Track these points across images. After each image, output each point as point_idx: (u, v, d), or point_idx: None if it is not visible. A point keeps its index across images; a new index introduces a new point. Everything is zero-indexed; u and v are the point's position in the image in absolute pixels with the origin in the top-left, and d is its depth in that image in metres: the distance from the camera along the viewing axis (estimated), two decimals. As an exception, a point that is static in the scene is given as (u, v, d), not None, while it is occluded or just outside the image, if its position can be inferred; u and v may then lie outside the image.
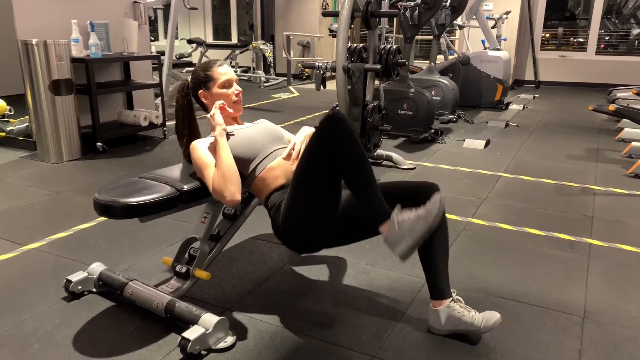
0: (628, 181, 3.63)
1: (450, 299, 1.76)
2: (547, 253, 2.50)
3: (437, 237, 1.75)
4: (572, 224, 2.86)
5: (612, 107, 4.06)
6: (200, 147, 1.88)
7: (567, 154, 4.39)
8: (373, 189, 1.65)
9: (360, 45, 3.55)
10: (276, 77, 8.99)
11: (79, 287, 2.03)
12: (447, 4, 5.33)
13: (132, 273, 2.14)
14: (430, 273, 1.77)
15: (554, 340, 1.80)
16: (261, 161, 1.89)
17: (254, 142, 1.93)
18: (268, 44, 8.96)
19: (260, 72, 9.25)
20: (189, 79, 2.07)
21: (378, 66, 3.19)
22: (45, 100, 3.78)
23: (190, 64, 9.72)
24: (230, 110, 1.99)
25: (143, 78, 4.87)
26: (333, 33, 5.03)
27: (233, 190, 1.74)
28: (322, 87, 3.32)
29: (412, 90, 4.72)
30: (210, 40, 11.20)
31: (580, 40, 9.56)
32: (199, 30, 11.19)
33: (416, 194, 1.76)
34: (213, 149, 1.87)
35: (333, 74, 3.30)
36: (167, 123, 4.83)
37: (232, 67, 9.76)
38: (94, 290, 2.06)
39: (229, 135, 1.89)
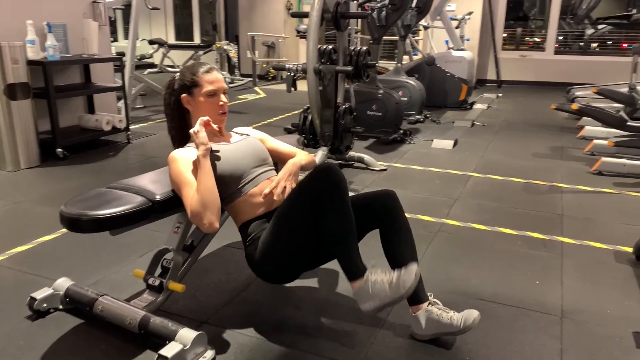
0: (592, 178, 3.72)
1: (428, 302, 1.74)
2: (522, 252, 2.52)
3: (400, 239, 1.78)
4: (543, 222, 2.90)
5: (574, 106, 4.16)
6: (179, 160, 1.76)
7: (532, 152, 4.48)
8: (350, 242, 1.66)
9: (330, 46, 3.52)
10: (241, 78, 8.87)
11: (44, 305, 1.91)
12: (413, 5, 5.35)
13: (101, 287, 2.03)
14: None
15: (535, 341, 1.81)
16: (245, 185, 1.82)
17: (239, 164, 1.84)
18: (232, 45, 8.83)
19: (225, 73, 9.10)
20: (176, 76, 1.90)
21: (350, 68, 3.16)
22: (0, 105, 3.59)
23: (152, 66, 9.49)
24: (215, 127, 1.85)
25: (104, 81, 4.70)
26: (301, 34, 4.98)
27: (212, 219, 1.65)
28: (292, 89, 3.26)
29: (381, 91, 4.72)
30: (172, 40, 10.96)
31: (537, 40, 9.83)
32: (160, 31, 10.94)
33: (372, 202, 1.82)
34: (192, 165, 1.76)
35: (304, 75, 3.25)
36: (131, 127, 4.67)
37: (196, 68, 9.58)
38: (61, 307, 1.95)
39: (213, 154, 1.79)
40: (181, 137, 1.95)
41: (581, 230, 2.79)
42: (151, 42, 9.49)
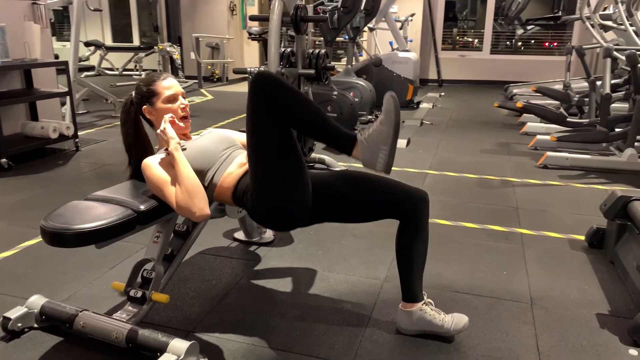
0: (539, 172, 3.96)
1: (422, 302, 1.81)
2: (486, 245, 2.66)
3: (417, 241, 1.79)
4: (501, 215, 3.06)
5: (519, 104, 4.40)
6: (153, 164, 1.78)
7: (481, 149, 4.69)
8: (326, 120, 1.64)
9: (289, 49, 3.54)
10: (186, 80, 8.70)
11: (19, 325, 1.82)
12: (362, 8, 5.46)
13: (75, 303, 1.96)
14: (405, 275, 1.80)
15: (511, 328, 1.92)
16: (218, 168, 1.83)
17: (208, 151, 1.85)
18: (175, 46, 8.64)
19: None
20: (133, 94, 1.95)
21: (312, 71, 3.20)
22: (-63, 115, 3.35)
23: (89, 68, 9.11)
24: (181, 124, 1.90)
25: (47, 86, 4.48)
26: (252, 36, 4.97)
27: (201, 205, 1.67)
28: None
29: (335, 92, 4.79)
30: (109, 42, 10.57)
31: (469, 39, 10.29)
32: (96, 32, 10.51)
33: (407, 198, 1.81)
34: (166, 165, 1.77)
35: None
36: (79, 133, 4.48)
37: (136, 70, 9.29)
38: (35, 325, 1.87)
39: (182, 148, 1.81)
40: (140, 153, 1.94)
41: (536, 222, 2.97)
42: (87, 44, 9.11)
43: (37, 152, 4.20)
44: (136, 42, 10.59)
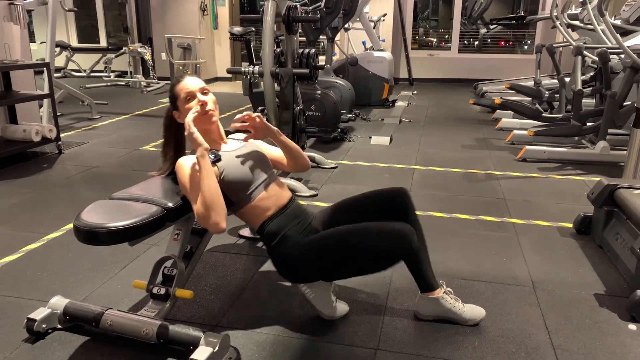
0: (519, 165, 4.15)
1: (442, 290, 1.91)
2: (482, 235, 2.78)
3: (419, 234, 1.90)
4: (491, 206, 3.20)
5: (497, 100, 4.59)
6: (186, 166, 1.76)
7: (461, 144, 4.86)
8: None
9: (278, 49, 3.59)
10: (158, 81, 8.60)
11: (44, 326, 1.82)
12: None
13: (93, 303, 1.96)
14: (416, 271, 1.90)
15: (519, 310, 2.04)
16: (254, 190, 1.86)
17: (245, 169, 1.86)
18: (146, 47, 8.52)
19: (140, 77, 8.77)
20: None
21: (306, 70, 3.26)
22: None
23: (56, 70, 8.86)
24: (211, 124, 1.87)
25: (26, 88, 4.38)
26: (234, 36, 4.97)
27: (217, 220, 1.64)
28: (250, 93, 3.29)
29: (319, 91, 4.86)
30: (75, 43, 10.31)
31: (432, 39, 10.57)
32: (61, 33, 10.23)
33: (388, 197, 1.96)
34: (196, 168, 1.75)
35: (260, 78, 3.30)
36: (61, 135, 4.40)
37: (105, 71, 9.10)
38: (59, 326, 1.87)
39: (216, 158, 1.80)
40: (175, 153, 1.94)
41: (525, 211, 3.12)
42: (54, 46, 8.87)
43: (18, 156, 4.11)
44: (103, 43, 10.37)
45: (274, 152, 2.09)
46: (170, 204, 1.75)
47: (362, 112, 6.24)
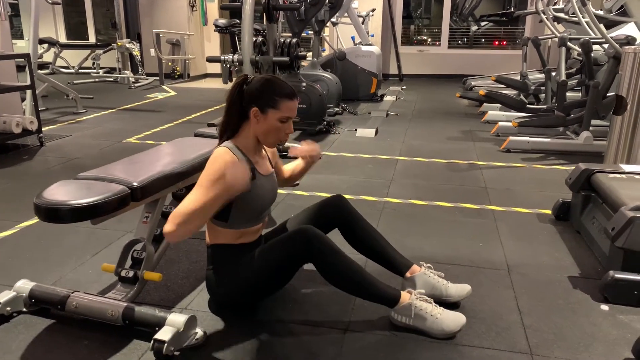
0: (503, 155, 4.14)
1: (423, 266, 1.92)
2: (461, 221, 2.77)
3: (364, 228, 1.95)
4: (471, 194, 3.19)
5: (482, 92, 4.58)
6: (224, 165, 1.61)
7: (447, 136, 4.85)
8: (368, 282, 1.73)
9: (260, 38, 3.57)
10: (146, 77, 8.55)
11: (8, 309, 1.80)
12: (326, 1, 5.53)
13: (61, 287, 1.93)
14: (383, 259, 1.92)
15: (493, 292, 2.03)
16: (253, 222, 1.83)
17: (262, 203, 1.83)
18: (135, 43, 8.48)
19: (128, 73, 8.72)
20: (251, 78, 1.76)
21: (286, 58, 3.25)
22: None
23: (43, 66, 8.80)
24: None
25: (7, 80, 4.34)
26: (219, 28, 4.95)
27: (179, 235, 1.56)
28: (229, 81, 3.27)
29: (304, 84, 4.83)
30: (63, 39, 10.24)
31: (424, 38, 10.57)
32: (49, 29, 10.16)
33: (326, 207, 1.98)
34: (230, 169, 1.58)
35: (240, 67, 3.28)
36: (43, 129, 4.36)
37: (94, 67, 9.04)
38: (24, 310, 1.84)
39: (254, 176, 1.75)
40: (229, 135, 1.79)
41: (505, 199, 3.12)
42: (40, 42, 8.79)
43: (-2, 148, 4.07)
44: (92, 39, 10.31)
45: (279, 167, 2.08)
46: (135, 183, 1.73)
47: (349, 106, 6.22)
